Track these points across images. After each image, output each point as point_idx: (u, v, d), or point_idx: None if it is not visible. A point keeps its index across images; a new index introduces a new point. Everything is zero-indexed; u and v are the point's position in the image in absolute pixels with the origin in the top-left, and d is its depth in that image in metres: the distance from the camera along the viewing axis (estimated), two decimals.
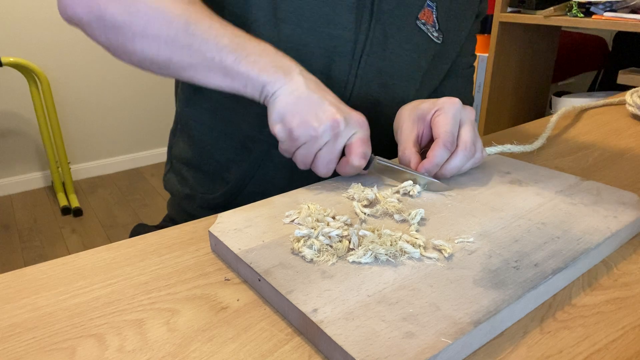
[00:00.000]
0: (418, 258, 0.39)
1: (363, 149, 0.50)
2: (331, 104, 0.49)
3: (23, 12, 2.27)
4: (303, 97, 0.49)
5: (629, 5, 1.38)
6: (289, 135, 0.50)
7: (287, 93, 0.49)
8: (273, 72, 0.49)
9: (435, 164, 0.51)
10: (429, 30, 0.66)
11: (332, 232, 0.41)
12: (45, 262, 0.43)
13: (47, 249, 1.98)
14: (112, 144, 2.71)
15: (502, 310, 0.33)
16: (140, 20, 0.50)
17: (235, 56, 0.49)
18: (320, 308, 0.33)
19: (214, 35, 0.50)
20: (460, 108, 0.52)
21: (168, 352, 0.33)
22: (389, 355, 0.29)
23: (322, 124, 0.48)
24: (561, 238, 0.41)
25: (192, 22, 0.50)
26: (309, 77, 0.51)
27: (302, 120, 0.48)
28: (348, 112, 0.50)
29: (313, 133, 0.48)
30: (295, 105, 0.49)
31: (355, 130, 0.50)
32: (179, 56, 0.51)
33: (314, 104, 0.49)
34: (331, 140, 0.49)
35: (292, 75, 0.50)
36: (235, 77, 0.50)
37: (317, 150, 0.50)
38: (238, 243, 0.41)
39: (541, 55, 1.90)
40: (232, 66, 0.49)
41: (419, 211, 0.45)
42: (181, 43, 0.50)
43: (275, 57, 0.51)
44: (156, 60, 0.52)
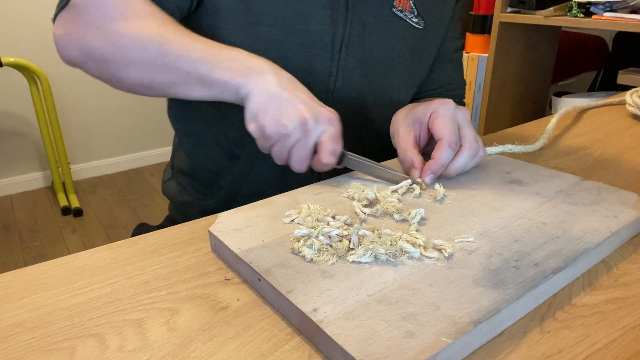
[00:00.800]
0: (418, 258, 0.39)
1: (332, 146, 0.51)
2: (301, 102, 0.50)
3: (23, 12, 2.27)
4: (274, 95, 0.50)
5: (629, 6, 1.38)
6: (261, 134, 0.51)
7: (259, 92, 0.50)
8: (245, 74, 0.51)
9: (441, 165, 0.52)
10: (407, 17, 0.67)
11: (332, 231, 0.41)
12: (45, 262, 0.43)
13: (47, 249, 1.98)
14: (112, 144, 2.71)
15: (502, 310, 0.33)
16: (121, 51, 0.54)
17: (208, 66, 0.52)
18: (320, 308, 0.33)
19: (186, 50, 0.52)
20: (455, 109, 0.54)
21: (168, 351, 0.33)
22: (389, 354, 0.29)
23: (292, 122, 0.49)
24: (561, 238, 0.41)
25: (164, 42, 0.53)
26: (282, 75, 0.52)
27: (273, 118, 0.50)
28: (318, 110, 0.51)
29: (283, 131, 0.50)
30: (266, 104, 0.50)
31: (324, 127, 0.51)
32: (160, 76, 0.54)
33: (284, 102, 0.50)
34: (302, 138, 0.50)
35: (263, 75, 0.51)
36: (212, 86, 0.52)
37: (289, 147, 0.51)
38: (238, 243, 0.41)
39: (541, 55, 1.90)
40: (207, 76, 0.52)
41: (419, 211, 0.45)
42: (158, 64, 0.53)
43: (246, 60, 0.52)
44: (142, 83, 0.55)
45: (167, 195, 0.79)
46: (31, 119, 2.39)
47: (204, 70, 0.52)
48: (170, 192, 0.78)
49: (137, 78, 0.55)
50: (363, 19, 0.64)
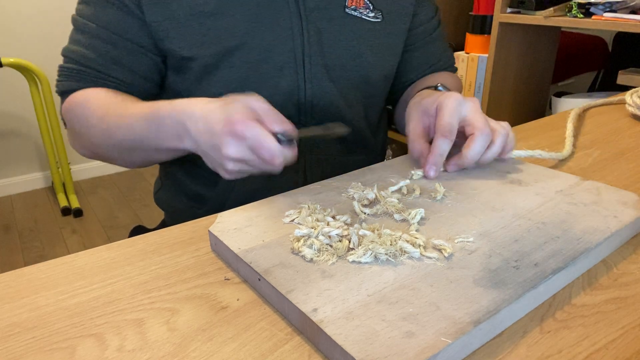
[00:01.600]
0: (418, 258, 0.39)
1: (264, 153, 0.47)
2: (215, 146, 0.48)
3: (23, 12, 2.27)
4: (203, 152, 0.51)
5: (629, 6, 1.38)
6: (233, 175, 0.51)
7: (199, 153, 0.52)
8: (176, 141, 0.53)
9: (438, 155, 0.53)
10: (362, 14, 0.67)
11: (332, 231, 0.41)
12: (45, 262, 0.43)
13: (47, 249, 1.98)
14: None
15: (502, 310, 0.33)
16: (95, 147, 0.63)
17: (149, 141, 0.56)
18: (320, 307, 0.33)
19: (128, 132, 0.57)
20: (461, 100, 0.54)
21: (168, 351, 0.33)
22: (388, 354, 0.29)
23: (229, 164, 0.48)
24: (561, 238, 0.41)
25: (111, 131, 0.59)
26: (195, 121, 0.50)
27: (222, 170, 0.50)
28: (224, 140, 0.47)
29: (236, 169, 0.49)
30: (209, 161, 0.51)
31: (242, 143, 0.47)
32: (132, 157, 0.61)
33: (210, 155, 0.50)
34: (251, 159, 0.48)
35: (187, 136, 0.51)
36: (168, 152, 0.57)
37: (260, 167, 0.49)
38: (238, 243, 0.41)
39: (541, 55, 1.90)
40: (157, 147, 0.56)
41: (419, 211, 0.45)
42: (121, 150, 0.60)
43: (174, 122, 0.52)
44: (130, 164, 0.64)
45: (160, 205, 0.80)
46: (31, 119, 2.39)
47: (150, 144, 0.56)
48: (163, 201, 0.79)
49: (123, 162, 0.64)
50: (318, 26, 0.64)
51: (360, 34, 0.67)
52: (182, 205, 0.75)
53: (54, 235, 2.08)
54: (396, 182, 0.53)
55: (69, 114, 0.64)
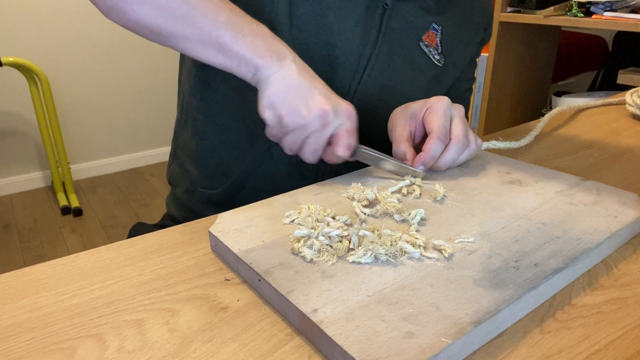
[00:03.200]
0: (418, 258, 0.39)
1: (349, 140, 0.52)
2: (321, 94, 0.50)
3: (23, 12, 2.27)
4: (294, 84, 0.49)
5: (629, 5, 1.38)
6: (278, 122, 0.50)
7: (279, 79, 0.49)
8: (268, 56, 0.50)
9: (431, 157, 0.53)
10: (431, 53, 0.67)
11: (332, 232, 0.41)
12: (45, 262, 0.43)
13: (47, 249, 1.98)
14: (112, 144, 2.71)
15: (502, 310, 0.33)
16: None
17: (231, 34, 0.49)
18: (320, 308, 0.33)
19: (212, 10, 0.49)
20: (450, 105, 0.55)
21: (168, 352, 0.33)
22: (389, 355, 0.29)
23: (311, 113, 0.49)
24: (561, 238, 0.41)
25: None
26: (302, 64, 0.52)
27: (292, 108, 0.49)
28: (337, 103, 0.51)
29: (302, 122, 0.49)
30: (286, 93, 0.49)
31: (342, 120, 0.51)
32: (175, 26, 0.50)
33: (304, 92, 0.50)
34: (319, 130, 0.50)
35: (285, 62, 0.50)
36: (229, 55, 0.50)
37: (304, 137, 0.51)
38: (238, 243, 0.41)
39: (541, 55, 1.90)
40: (227, 44, 0.49)
41: (419, 211, 0.45)
42: (179, 13, 0.49)
43: (271, 41, 0.51)
44: (149, 26, 0.50)
45: (170, 180, 0.78)
46: (31, 119, 2.39)
47: (227, 37, 0.49)
48: (174, 176, 0.77)
49: (147, 19, 0.50)
50: (391, 46, 0.64)
51: (423, 69, 0.67)
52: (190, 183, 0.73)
53: (53, 235, 2.08)
54: (396, 183, 0.53)
55: None
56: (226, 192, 0.69)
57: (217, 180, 0.70)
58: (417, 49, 0.66)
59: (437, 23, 0.66)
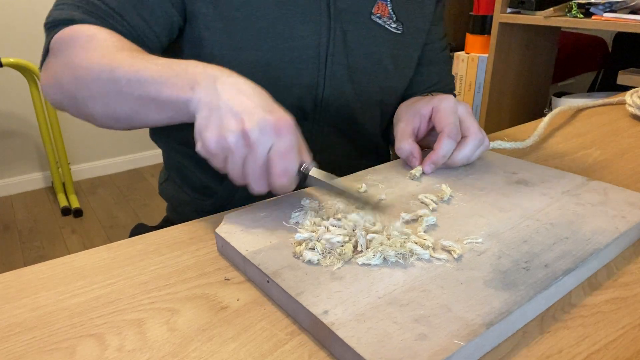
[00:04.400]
0: (427, 259, 0.38)
1: (282, 164, 0.43)
2: (243, 111, 0.43)
3: (23, 12, 2.27)
4: (215, 107, 0.44)
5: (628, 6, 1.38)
6: (206, 152, 0.44)
7: (202, 106, 0.44)
8: (191, 88, 0.45)
9: (442, 156, 0.54)
10: (386, 23, 0.67)
11: (333, 238, 0.40)
12: (45, 262, 0.43)
13: (47, 249, 1.98)
14: (112, 144, 2.71)
15: (514, 312, 0.32)
16: (81, 84, 0.51)
17: (156, 86, 0.47)
18: (330, 310, 0.33)
19: (135, 72, 0.48)
20: (456, 102, 0.56)
21: (168, 351, 0.33)
22: (402, 357, 0.29)
23: (232, 134, 0.42)
24: (570, 239, 0.41)
25: (115, 67, 0.49)
26: (229, 82, 0.45)
27: (214, 133, 0.43)
28: (261, 118, 0.42)
29: (225, 145, 0.43)
30: (207, 119, 0.44)
31: (271, 139, 0.42)
32: (118, 105, 0.50)
33: (224, 113, 0.43)
34: (249, 153, 0.43)
35: (208, 87, 0.45)
36: (164, 107, 0.47)
37: (240, 165, 0.44)
38: (245, 244, 0.41)
39: (541, 55, 1.90)
40: (157, 96, 0.47)
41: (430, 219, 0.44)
42: (113, 92, 0.49)
43: (194, 72, 0.46)
44: (109, 115, 0.51)
45: (164, 196, 0.79)
46: (31, 119, 2.39)
47: (153, 90, 0.47)
48: (168, 193, 0.78)
49: (102, 111, 0.51)
50: (344, 27, 0.64)
51: (382, 42, 0.67)
52: (187, 197, 0.74)
53: (53, 235, 2.08)
54: (399, 183, 0.52)
55: (64, 43, 0.54)
56: (217, 204, 0.70)
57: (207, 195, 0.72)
58: (370, 22, 0.66)
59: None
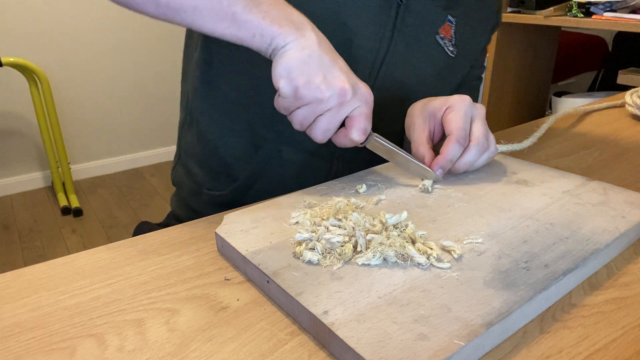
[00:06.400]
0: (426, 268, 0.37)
1: (364, 124, 0.49)
2: (342, 70, 0.47)
3: (23, 12, 2.27)
4: (314, 56, 0.46)
5: (629, 5, 1.38)
6: (293, 93, 0.46)
7: (297, 48, 0.46)
8: (285, 25, 0.46)
9: (449, 160, 0.52)
10: (446, 45, 0.66)
11: (333, 238, 0.40)
12: (45, 262, 0.43)
13: (47, 249, 1.98)
14: (112, 144, 2.71)
15: (514, 312, 0.32)
16: None
17: (245, 3, 0.46)
18: (330, 310, 0.33)
19: None
20: (471, 105, 0.53)
21: (168, 351, 0.33)
22: (402, 357, 0.29)
23: (330, 88, 0.46)
24: (570, 238, 0.41)
25: None
26: (322, 37, 0.48)
27: (310, 80, 0.46)
28: (356, 83, 0.48)
29: (319, 96, 0.46)
30: (304, 63, 0.46)
31: (360, 103, 0.48)
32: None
33: (324, 65, 0.46)
34: (335, 108, 0.47)
35: (304, 31, 0.47)
36: (242, 26, 0.46)
37: (318, 114, 0.48)
38: (245, 244, 0.41)
39: (541, 55, 1.90)
40: (241, 13, 0.46)
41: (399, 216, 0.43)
42: None
43: (288, 10, 0.48)
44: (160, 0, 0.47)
45: (174, 181, 0.77)
46: (31, 119, 2.39)
47: (240, 6, 0.46)
48: (178, 178, 0.76)
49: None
50: (407, 41, 0.63)
51: (436, 62, 0.66)
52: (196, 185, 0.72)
53: (53, 235, 2.08)
54: (399, 183, 0.52)
55: None
56: (233, 194, 0.68)
57: (223, 182, 0.69)
58: (433, 42, 0.65)
59: (452, 15, 0.65)
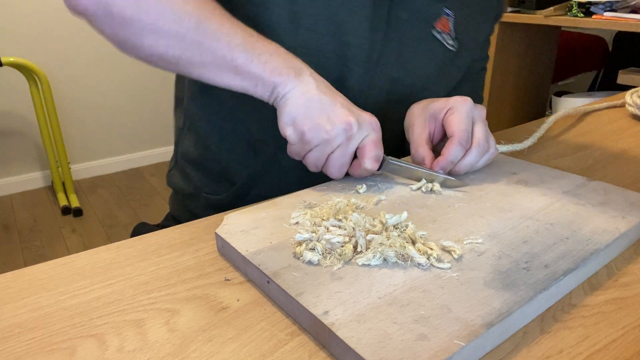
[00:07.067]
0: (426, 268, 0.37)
1: (375, 151, 0.50)
2: (343, 106, 0.49)
3: (23, 12, 2.27)
4: (314, 99, 0.49)
5: (629, 5, 1.38)
6: (300, 138, 0.49)
7: (298, 95, 0.49)
8: (285, 73, 0.49)
9: (450, 162, 0.52)
10: (444, 39, 0.65)
11: (334, 238, 0.40)
12: (45, 262, 0.43)
13: (47, 249, 1.98)
14: (112, 144, 2.71)
15: (514, 312, 0.32)
16: (149, 16, 0.49)
17: (246, 55, 0.49)
18: (331, 310, 0.33)
19: (225, 34, 0.49)
20: (472, 106, 0.53)
21: (168, 352, 0.33)
22: (402, 357, 0.29)
23: (335, 127, 0.48)
24: (570, 239, 0.41)
25: (203, 20, 0.49)
26: (319, 79, 0.51)
27: (314, 123, 0.48)
28: (360, 114, 0.50)
29: (325, 136, 0.48)
30: (306, 108, 0.48)
31: (367, 132, 0.50)
32: (189, 54, 0.50)
33: (325, 106, 0.49)
34: (344, 143, 0.49)
35: (303, 77, 0.50)
36: (246, 77, 0.50)
37: (329, 153, 0.50)
38: (245, 245, 0.41)
39: (541, 55, 1.90)
40: (243, 65, 0.49)
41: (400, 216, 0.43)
42: (192, 41, 0.49)
43: (286, 58, 0.51)
44: (165, 56, 0.50)
45: (170, 185, 0.77)
46: (31, 119, 2.39)
47: (242, 59, 0.49)
48: (174, 181, 0.75)
49: (161, 50, 0.50)
50: (402, 38, 0.62)
51: (435, 57, 0.65)
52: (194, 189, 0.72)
53: (53, 235, 2.08)
54: (399, 183, 0.52)
55: None
56: (231, 198, 0.68)
57: (221, 186, 0.69)
58: (429, 37, 0.64)
59: (448, 8, 0.64)
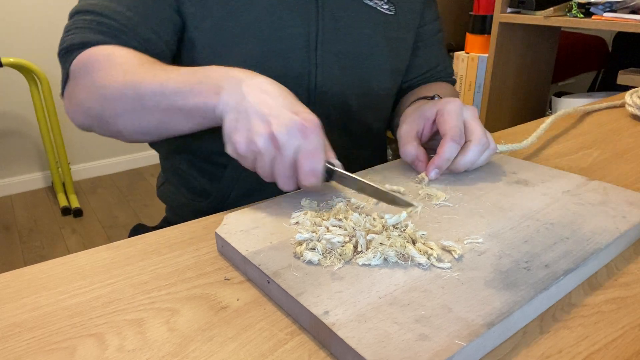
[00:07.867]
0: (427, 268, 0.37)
1: (310, 164, 0.44)
2: (270, 114, 0.44)
3: (23, 12, 2.27)
4: (241, 111, 0.46)
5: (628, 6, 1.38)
6: (236, 154, 0.47)
7: (229, 110, 0.46)
8: (216, 93, 0.47)
9: (445, 159, 0.52)
10: (377, 5, 0.67)
11: (334, 238, 0.40)
12: (45, 262, 0.43)
13: (48, 249, 1.98)
14: (112, 144, 2.71)
15: (515, 312, 0.32)
16: (107, 104, 0.53)
17: (182, 95, 0.49)
18: (331, 310, 0.33)
19: (159, 86, 0.50)
20: (462, 106, 0.55)
21: (168, 351, 0.33)
22: (403, 357, 0.28)
23: (261, 137, 0.44)
24: (570, 238, 0.41)
25: (138, 83, 0.51)
26: (254, 83, 0.47)
27: (243, 136, 0.45)
28: (288, 120, 0.44)
29: (254, 148, 0.45)
30: (236, 122, 0.46)
31: (299, 141, 0.44)
32: (146, 119, 0.52)
33: (252, 116, 0.45)
34: (277, 154, 0.45)
35: (233, 90, 0.47)
36: (192, 114, 0.49)
37: (269, 166, 0.46)
38: (245, 245, 0.41)
39: (541, 55, 1.90)
40: (184, 106, 0.49)
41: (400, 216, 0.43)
42: (140, 108, 0.52)
43: (218, 77, 0.48)
44: (138, 130, 0.54)
45: (162, 199, 0.79)
46: (31, 119, 2.39)
47: (179, 100, 0.49)
48: (166, 196, 0.78)
49: (130, 126, 0.54)
50: (334, 13, 0.64)
51: (374, 24, 0.67)
52: (184, 199, 0.74)
53: (54, 235, 2.08)
54: (399, 183, 0.52)
55: (83, 67, 0.55)
56: (213, 204, 0.70)
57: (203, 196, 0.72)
58: (362, 5, 0.66)
59: None
